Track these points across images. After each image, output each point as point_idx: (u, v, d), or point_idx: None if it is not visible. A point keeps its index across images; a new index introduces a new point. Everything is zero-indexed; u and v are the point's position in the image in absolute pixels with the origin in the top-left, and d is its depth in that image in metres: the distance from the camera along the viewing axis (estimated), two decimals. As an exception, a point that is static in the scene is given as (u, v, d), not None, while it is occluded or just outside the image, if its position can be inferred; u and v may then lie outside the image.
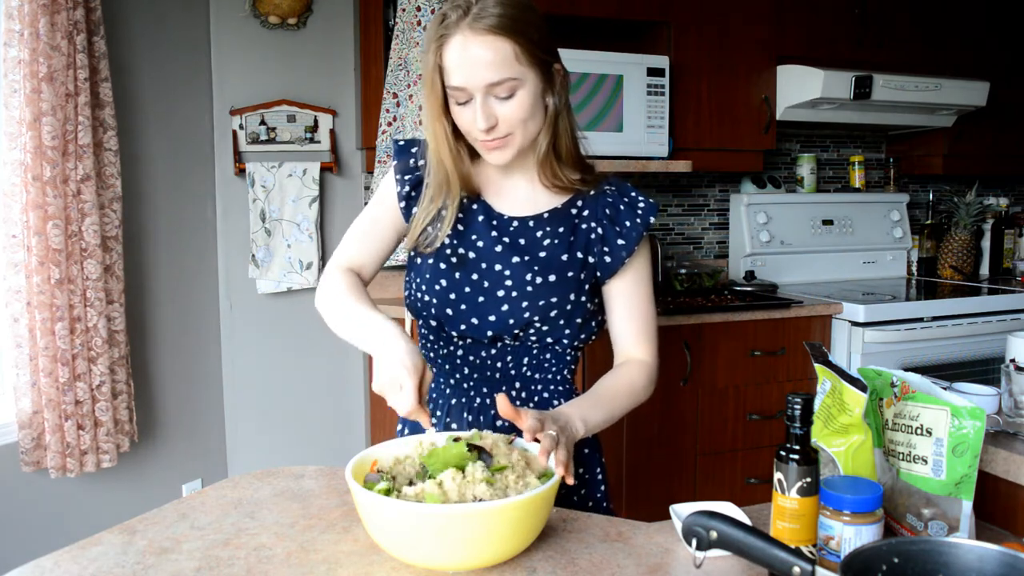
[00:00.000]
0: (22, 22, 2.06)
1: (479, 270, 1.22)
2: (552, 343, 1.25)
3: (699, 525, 0.85)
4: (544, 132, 1.20)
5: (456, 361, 1.27)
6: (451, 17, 1.12)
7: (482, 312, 1.22)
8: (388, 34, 2.65)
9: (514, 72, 1.12)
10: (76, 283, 2.20)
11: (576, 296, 1.23)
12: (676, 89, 2.90)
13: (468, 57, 1.11)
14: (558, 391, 1.29)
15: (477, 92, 1.12)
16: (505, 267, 1.22)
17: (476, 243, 1.24)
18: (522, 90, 1.14)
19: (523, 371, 1.27)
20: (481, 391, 1.28)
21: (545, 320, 1.22)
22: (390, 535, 0.90)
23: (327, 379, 2.88)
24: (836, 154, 3.67)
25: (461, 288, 1.22)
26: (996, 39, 3.41)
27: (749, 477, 2.81)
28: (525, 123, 1.16)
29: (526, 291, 1.21)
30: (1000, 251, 3.72)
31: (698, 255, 3.42)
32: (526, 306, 1.21)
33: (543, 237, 1.24)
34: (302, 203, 2.74)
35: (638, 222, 1.25)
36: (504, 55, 1.11)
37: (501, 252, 1.23)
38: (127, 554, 0.97)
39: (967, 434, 0.99)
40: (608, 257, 1.25)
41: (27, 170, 2.09)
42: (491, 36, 1.10)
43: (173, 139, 2.61)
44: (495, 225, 1.25)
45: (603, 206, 1.26)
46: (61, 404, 2.18)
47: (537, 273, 1.22)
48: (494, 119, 1.14)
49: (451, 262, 1.23)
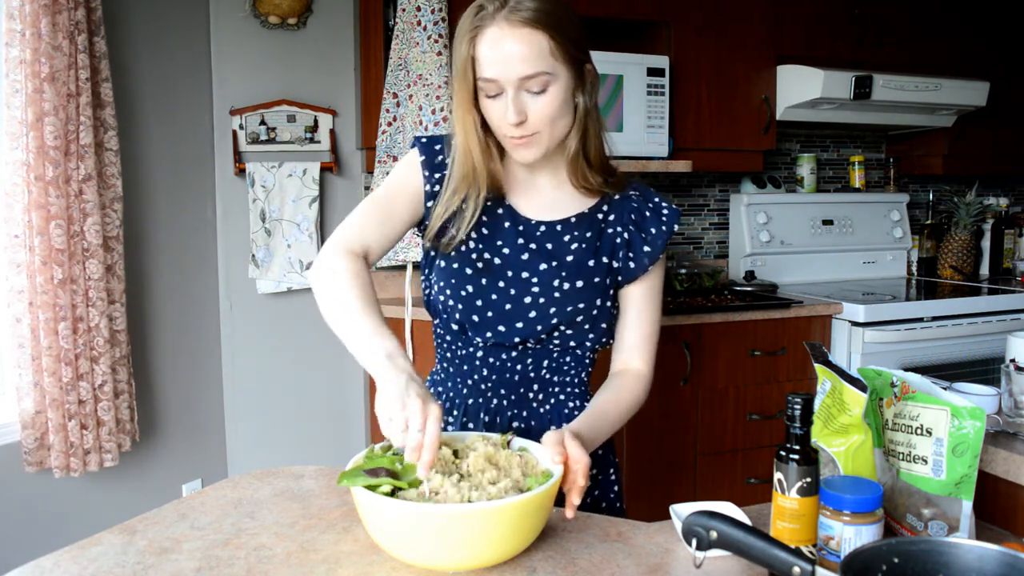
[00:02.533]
0: (23, 22, 2.06)
1: (506, 277, 1.21)
2: (574, 347, 1.25)
3: (699, 525, 0.85)
4: (574, 132, 1.19)
5: (475, 363, 1.26)
6: (487, 9, 1.11)
7: (509, 319, 1.21)
8: (388, 34, 2.65)
9: (548, 66, 1.11)
10: (78, 283, 2.20)
11: (602, 301, 1.23)
12: (676, 89, 2.90)
13: (503, 49, 1.09)
14: (574, 393, 1.29)
15: (509, 85, 1.11)
16: (532, 274, 1.21)
17: (502, 249, 1.22)
18: (554, 86, 1.12)
19: (542, 374, 1.27)
20: (499, 393, 1.27)
21: (571, 325, 1.22)
22: (390, 535, 0.90)
23: (327, 379, 2.89)
24: (836, 154, 3.67)
25: (488, 295, 1.21)
26: (996, 39, 3.41)
27: (749, 477, 2.81)
28: (555, 121, 1.15)
29: (553, 297, 1.21)
30: (1000, 251, 3.72)
31: (698, 255, 3.42)
32: (553, 312, 1.21)
33: (570, 242, 1.23)
34: (302, 203, 2.74)
35: (663, 229, 1.26)
36: (539, 49, 1.10)
37: (528, 259, 1.22)
38: (127, 554, 0.97)
39: (967, 434, 0.99)
40: (632, 263, 1.25)
41: (29, 170, 2.09)
42: (527, 29, 1.09)
43: (173, 139, 2.61)
44: (522, 231, 1.23)
45: (629, 211, 1.26)
46: (64, 404, 2.19)
47: (564, 279, 1.21)
48: (524, 114, 1.12)
49: (477, 267, 1.21)
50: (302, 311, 2.81)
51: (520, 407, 1.27)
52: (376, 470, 0.94)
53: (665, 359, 2.75)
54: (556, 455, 0.99)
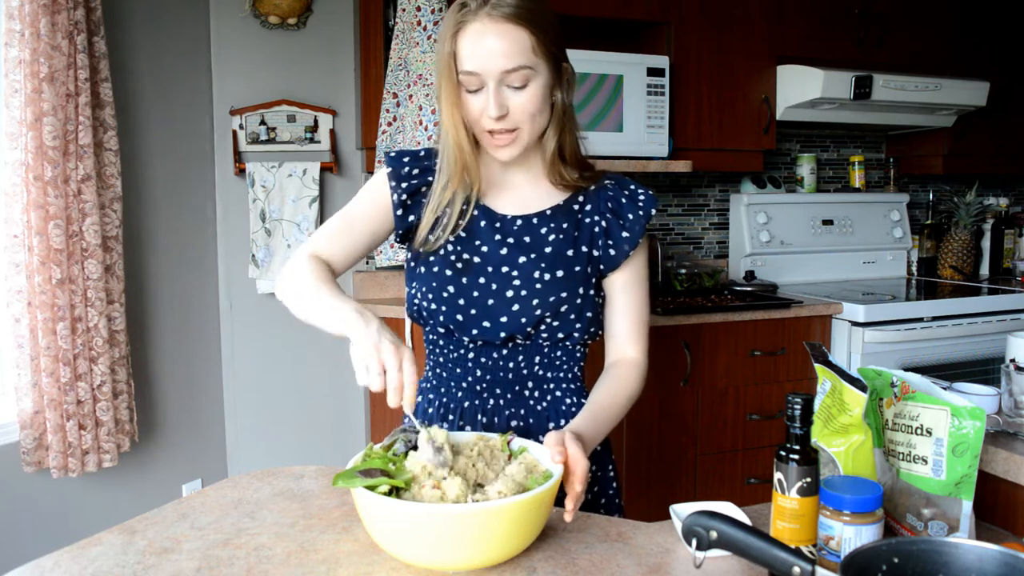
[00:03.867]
0: (23, 22, 2.06)
1: (486, 273, 1.22)
2: (563, 339, 1.25)
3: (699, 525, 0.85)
4: (552, 130, 1.22)
5: (468, 364, 1.27)
6: (470, 6, 1.13)
7: (493, 314, 1.22)
8: (388, 34, 2.65)
9: (529, 61, 1.14)
10: (77, 283, 2.20)
11: (584, 290, 1.24)
12: (676, 89, 2.90)
13: (485, 43, 1.12)
14: (570, 389, 1.29)
15: (491, 79, 1.13)
16: (512, 267, 1.22)
17: (481, 248, 1.23)
18: (534, 81, 1.15)
19: (535, 370, 1.27)
20: (494, 392, 1.27)
21: (556, 316, 1.22)
22: (390, 535, 0.90)
23: (327, 379, 2.89)
24: (836, 154, 3.67)
25: (470, 293, 1.22)
26: (996, 39, 3.41)
27: (749, 477, 2.81)
28: (534, 116, 1.17)
29: (535, 288, 1.22)
30: (1000, 251, 3.72)
31: (698, 255, 3.42)
32: (536, 304, 1.22)
33: (548, 233, 1.25)
34: (302, 203, 2.74)
35: (640, 214, 1.26)
36: (521, 44, 1.13)
37: (507, 253, 1.23)
38: (127, 554, 0.97)
39: (967, 434, 0.99)
40: (612, 250, 1.26)
41: (28, 170, 2.09)
42: (510, 24, 1.12)
43: (173, 139, 2.61)
44: (498, 227, 1.24)
45: (605, 199, 1.27)
46: (63, 404, 2.19)
47: (545, 270, 1.22)
48: (505, 108, 1.15)
49: (456, 268, 1.22)
50: (302, 311, 2.81)
51: (517, 406, 1.27)
52: (371, 471, 0.94)
53: (665, 359, 2.76)
54: (556, 455, 0.99)
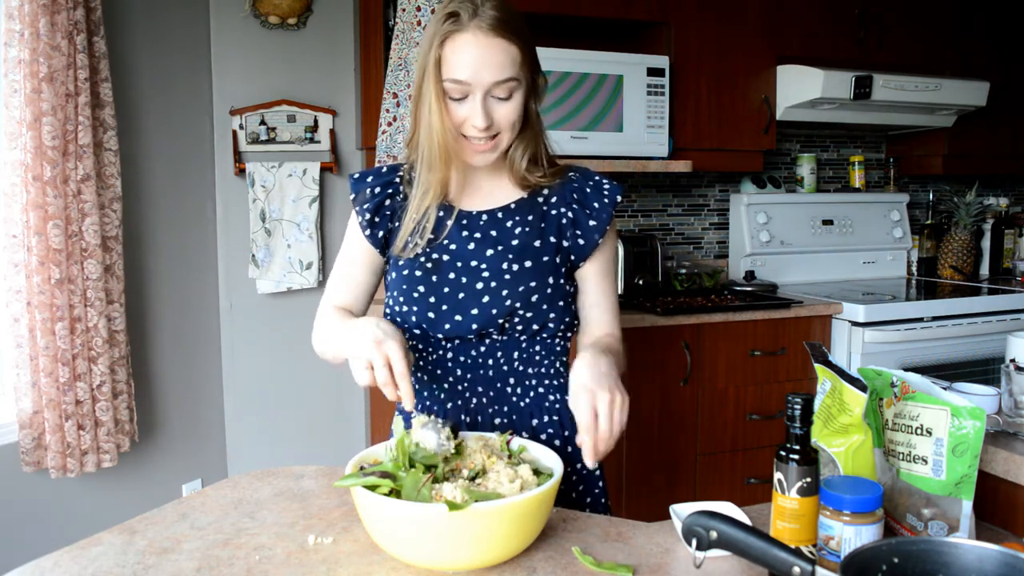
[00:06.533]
0: (22, 22, 2.06)
1: (455, 269, 1.25)
2: (538, 330, 1.26)
3: (699, 525, 0.85)
4: (524, 136, 1.25)
5: (447, 364, 1.28)
6: (462, 16, 1.15)
7: (464, 308, 1.24)
8: (388, 34, 2.65)
9: (516, 74, 1.17)
10: (76, 283, 2.20)
11: (554, 279, 1.26)
12: (676, 89, 2.90)
13: (478, 54, 1.14)
14: (553, 385, 1.30)
15: (479, 89, 1.16)
16: (481, 261, 1.24)
17: (449, 246, 1.26)
18: (518, 92, 1.19)
19: (515, 366, 1.28)
20: (476, 391, 1.28)
21: (527, 306, 1.24)
22: (390, 535, 0.90)
23: (327, 379, 2.88)
24: (836, 154, 3.67)
25: (440, 290, 1.24)
26: (996, 39, 3.41)
27: (749, 477, 2.81)
28: (514, 125, 1.21)
29: (504, 279, 1.24)
30: (1000, 251, 3.72)
31: (698, 255, 3.42)
32: (506, 294, 1.23)
33: (514, 226, 1.27)
34: (302, 203, 2.74)
35: (606, 203, 1.29)
36: (511, 57, 1.16)
37: (475, 248, 1.25)
38: (127, 554, 0.97)
39: (967, 434, 0.99)
40: (581, 239, 1.28)
41: (27, 170, 2.09)
42: (502, 38, 1.15)
43: (173, 139, 2.61)
44: (465, 224, 1.27)
45: (570, 191, 1.30)
46: (61, 404, 2.18)
47: (512, 261, 1.24)
48: (491, 118, 1.18)
49: (427, 268, 1.25)
50: (302, 311, 2.81)
51: (499, 403, 1.28)
52: (371, 472, 0.95)
53: (665, 359, 2.76)
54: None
